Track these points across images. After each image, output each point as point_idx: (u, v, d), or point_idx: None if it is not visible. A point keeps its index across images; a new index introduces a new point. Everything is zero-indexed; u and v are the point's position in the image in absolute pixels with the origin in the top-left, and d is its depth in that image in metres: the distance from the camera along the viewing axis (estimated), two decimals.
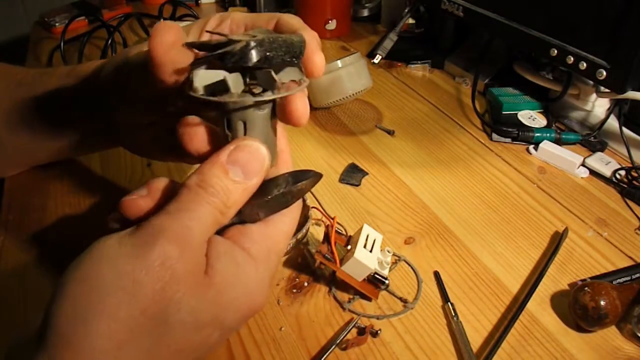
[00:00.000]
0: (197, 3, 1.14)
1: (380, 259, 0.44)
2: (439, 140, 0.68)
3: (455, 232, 0.52)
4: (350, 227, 0.52)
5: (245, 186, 0.29)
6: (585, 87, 0.66)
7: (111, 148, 0.56)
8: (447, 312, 0.43)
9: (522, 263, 0.49)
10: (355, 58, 0.69)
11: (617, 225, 0.53)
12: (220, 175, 0.28)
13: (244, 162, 0.29)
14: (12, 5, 1.32)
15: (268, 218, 0.30)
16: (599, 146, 0.65)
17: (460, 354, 0.40)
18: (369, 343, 0.41)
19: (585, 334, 0.42)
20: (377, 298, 0.44)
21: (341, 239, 0.45)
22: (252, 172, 0.29)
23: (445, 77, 0.84)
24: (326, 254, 0.43)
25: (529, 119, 0.69)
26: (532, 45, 0.63)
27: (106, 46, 0.84)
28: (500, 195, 0.58)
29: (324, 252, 0.43)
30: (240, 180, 0.29)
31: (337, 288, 0.45)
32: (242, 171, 0.29)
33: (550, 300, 0.45)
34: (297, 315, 0.43)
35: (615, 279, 0.46)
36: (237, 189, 0.28)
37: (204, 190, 0.28)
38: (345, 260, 0.43)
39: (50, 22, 0.97)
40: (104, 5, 1.04)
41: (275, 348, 0.41)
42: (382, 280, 0.44)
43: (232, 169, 0.28)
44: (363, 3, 1.06)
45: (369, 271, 0.43)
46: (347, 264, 0.42)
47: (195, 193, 0.28)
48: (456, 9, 0.72)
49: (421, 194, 0.58)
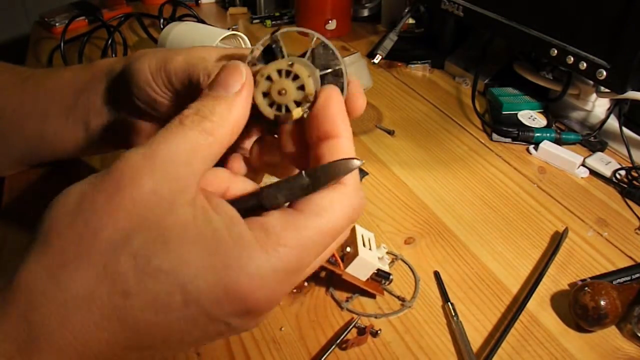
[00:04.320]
0: (197, 3, 1.14)
1: (379, 255, 0.44)
2: (439, 140, 0.68)
3: (455, 232, 0.52)
4: None
5: (225, 97, 0.27)
6: (585, 87, 0.66)
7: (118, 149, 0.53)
8: (447, 312, 0.43)
9: (522, 263, 0.49)
10: (356, 58, 0.69)
11: (617, 225, 0.53)
12: (200, 96, 0.27)
13: (222, 80, 0.27)
14: (12, 5, 1.32)
15: (299, 207, 0.26)
16: (599, 146, 0.65)
17: (460, 354, 0.40)
18: (369, 343, 0.41)
19: (585, 334, 0.42)
20: (383, 294, 0.45)
21: None
22: (232, 83, 0.27)
23: (445, 77, 0.84)
24: (330, 259, 0.43)
25: (529, 119, 0.69)
26: (532, 45, 0.63)
27: (106, 46, 0.84)
28: (500, 195, 0.58)
29: None
30: (221, 94, 0.27)
31: (334, 288, 0.45)
32: (221, 87, 0.27)
33: (550, 300, 0.45)
34: (297, 315, 0.43)
35: (615, 279, 0.46)
36: (218, 101, 0.26)
37: (180, 115, 0.26)
38: (347, 261, 0.43)
39: (50, 22, 0.97)
40: (104, 5, 1.04)
41: (275, 348, 0.41)
42: (386, 276, 0.44)
43: (211, 89, 0.27)
44: (363, 3, 1.06)
45: (374, 268, 0.43)
46: (352, 265, 0.42)
47: (171, 121, 0.26)
48: (456, 9, 0.72)
49: (421, 194, 0.58)
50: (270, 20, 1.04)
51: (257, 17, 1.06)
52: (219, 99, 0.27)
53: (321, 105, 0.28)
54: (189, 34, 0.74)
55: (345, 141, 0.28)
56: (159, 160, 0.24)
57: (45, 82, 0.50)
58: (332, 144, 0.28)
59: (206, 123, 0.26)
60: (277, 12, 1.07)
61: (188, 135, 0.25)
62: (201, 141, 0.25)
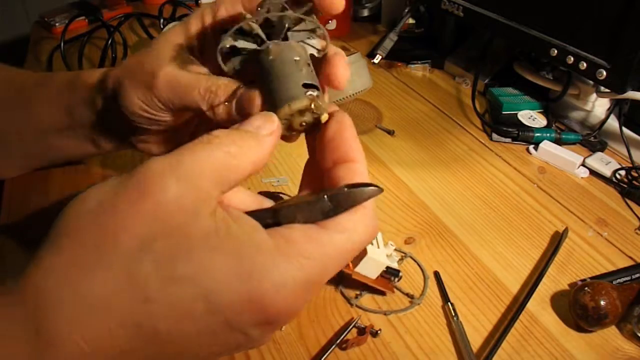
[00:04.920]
0: (197, 3, 1.14)
1: (387, 253, 0.44)
2: (439, 140, 0.68)
3: (455, 232, 0.52)
4: None
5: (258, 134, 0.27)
6: (585, 87, 0.66)
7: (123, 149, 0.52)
8: (447, 312, 0.43)
9: (522, 263, 0.49)
10: (356, 58, 0.69)
11: (617, 225, 0.53)
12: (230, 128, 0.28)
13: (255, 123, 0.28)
14: (12, 5, 1.31)
15: (323, 225, 0.26)
16: (599, 146, 0.65)
17: (460, 354, 0.40)
18: (369, 343, 0.41)
19: (585, 334, 0.42)
20: (393, 291, 0.45)
21: None
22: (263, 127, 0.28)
23: (445, 77, 0.84)
24: None
25: (529, 119, 0.69)
26: (532, 45, 0.63)
27: (106, 46, 0.84)
28: (500, 195, 0.58)
29: None
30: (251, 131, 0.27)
31: (344, 286, 0.45)
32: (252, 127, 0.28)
33: (550, 300, 0.45)
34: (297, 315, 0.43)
35: (615, 279, 0.46)
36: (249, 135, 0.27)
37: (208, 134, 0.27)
38: (356, 261, 0.43)
39: (50, 22, 0.97)
40: (104, 5, 1.04)
41: (275, 348, 0.41)
42: (395, 273, 0.44)
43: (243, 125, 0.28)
44: (363, 3, 1.06)
45: (383, 267, 0.43)
46: (361, 265, 0.42)
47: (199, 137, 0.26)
48: (456, 9, 0.72)
49: (421, 194, 0.58)
50: None
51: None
52: (249, 134, 0.27)
53: (336, 130, 0.29)
54: None
55: (361, 166, 0.29)
56: (183, 169, 0.24)
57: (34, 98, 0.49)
58: (349, 167, 0.29)
59: (233, 147, 0.26)
60: None
61: (214, 153, 0.25)
62: (225, 162, 0.26)
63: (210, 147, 0.26)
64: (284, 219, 0.27)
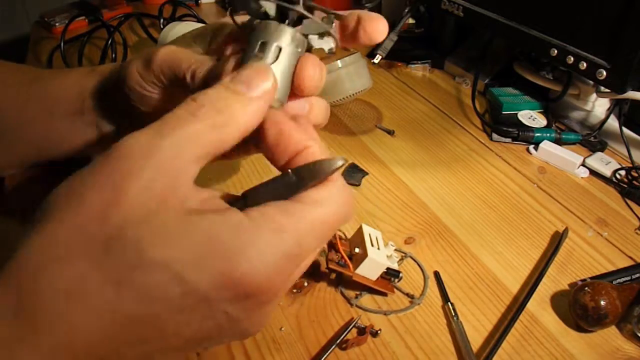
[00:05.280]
0: (197, 3, 1.14)
1: (387, 253, 0.44)
2: (439, 140, 0.68)
3: (455, 232, 0.52)
4: (349, 227, 0.52)
5: (246, 97, 0.26)
6: (585, 87, 0.66)
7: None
8: (447, 312, 0.43)
9: (522, 263, 0.49)
10: (355, 58, 0.69)
11: (617, 225, 0.53)
12: (218, 87, 0.26)
13: (247, 77, 0.26)
14: (12, 5, 1.31)
15: (295, 199, 0.26)
16: (599, 146, 0.65)
17: (460, 354, 0.40)
18: (369, 343, 0.41)
19: (585, 334, 0.42)
20: (393, 292, 0.45)
21: (345, 244, 0.45)
22: (254, 84, 0.26)
23: (445, 77, 0.84)
24: (339, 261, 0.43)
25: (529, 119, 0.69)
26: (532, 45, 0.63)
27: (106, 46, 0.84)
28: (500, 195, 0.58)
29: (335, 259, 0.43)
30: (241, 90, 0.26)
31: (344, 287, 0.45)
32: (245, 85, 0.26)
33: (550, 300, 0.45)
34: (297, 315, 0.43)
35: (615, 279, 0.46)
36: (237, 99, 0.26)
37: (193, 100, 0.25)
38: (357, 262, 0.43)
39: (50, 22, 0.97)
40: (104, 5, 1.04)
41: (275, 348, 0.41)
42: (395, 274, 0.44)
43: (233, 82, 0.26)
44: (363, 3, 1.06)
45: (383, 268, 0.43)
46: (362, 266, 0.42)
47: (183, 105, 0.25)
48: (456, 9, 0.72)
49: (421, 193, 0.58)
50: None
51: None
52: (238, 95, 0.26)
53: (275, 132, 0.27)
54: None
55: (316, 147, 0.27)
56: (161, 154, 0.24)
57: (50, 84, 0.50)
58: (304, 155, 0.27)
59: (219, 117, 0.25)
60: None
61: (198, 128, 0.24)
62: (209, 136, 0.25)
63: (194, 120, 0.24)
64: (251, 202, 0.26)
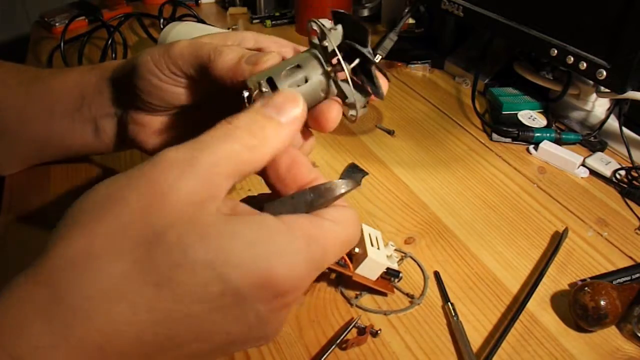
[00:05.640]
0: (197, 3, 1.14)
1: (387, 253, 0.44)
2: (439, 140, 0.68)
3: (455, 232, 0.52)
4: None
5: (277, 121, 0.28)
6: (585, 87, 0.66)
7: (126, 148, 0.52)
8: (447, 312, 0.43)
9: (522, 263, 0.49)
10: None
11: (617, 225, 0.53)
12: (251, 111, 0.28)
13: (279, 103, 0.28)
14: (12, 5, 1.31)
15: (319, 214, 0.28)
16: (599, 146, 0.65)
17: (460, 354, 0.40)
18: (369, 343, 0.41)
19: (585, 334, 0.42)
20: (393, 292, 0.45)
21: None
22: (286, 110, 0.28)
23: (445, 77, 0.84)
24: (339, 261, 0.43)
25: (529, 119, 0.69)
26: (532, 45, 0.63)
27: (106, 46, 0.84)
28: (500, 195, 0.58)
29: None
30: (273, 115, 0.28)
31: (344, 287, 0.45)
32: (275, 110, 0.28)
33: (550, 300, 0.45)
34: (297, 315, 0.43)
35: (615, 279, 0.46)
36: (270, 124, 0.27)
37: (228, 123, 0.27)
38: (356, 262, 0.43)
39: (50, 22, 0.97)
40: (104, 5, 1.04)
41: (275, 348, 0.41)
42: (395, 274, 0.44)
43: (265, 107, 0.28)
44: (363, 3, 1.06)
45: (383, 268, 0.43)
46: (362, 266, 0.42)
47: (218, 126, 0.27)
48: (456, 9, 0.72)
49: (421, 193, 0.58)
50: (270, 20, 1.04)
51: (257, 17, 1.06)
52: (270, 121, 0.28)
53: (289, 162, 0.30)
54: (189, 34, 0.74)
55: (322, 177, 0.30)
56: (199, 166, 0.25)
57: (51, 82, 0.50)
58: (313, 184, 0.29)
59: (253, 140, 0.27)
60: (277, 12, 1.07)
61: (233, 147, 0.26)
62: (243, 157, 0.26)
63: (230, 140, 0.26)
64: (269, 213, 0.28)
